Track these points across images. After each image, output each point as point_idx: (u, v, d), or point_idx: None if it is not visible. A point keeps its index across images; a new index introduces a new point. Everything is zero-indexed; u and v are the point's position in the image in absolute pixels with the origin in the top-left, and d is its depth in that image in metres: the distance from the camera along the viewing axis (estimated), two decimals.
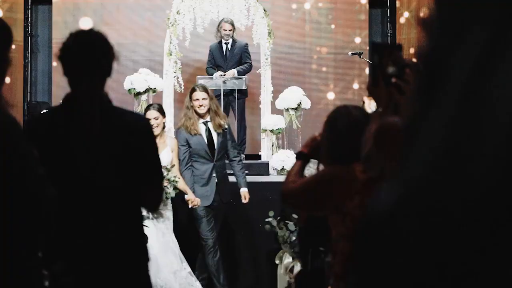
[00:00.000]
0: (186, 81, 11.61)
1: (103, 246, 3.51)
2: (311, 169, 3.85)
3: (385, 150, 2.51)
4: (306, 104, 10.87)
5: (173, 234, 7.83)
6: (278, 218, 7.29)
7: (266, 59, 11.62)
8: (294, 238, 6.55)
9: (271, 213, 7.56)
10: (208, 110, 8.22)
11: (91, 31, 3.62)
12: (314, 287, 5.12)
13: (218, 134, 8.27)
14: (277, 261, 7.57)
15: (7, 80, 11.66)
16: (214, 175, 8.23)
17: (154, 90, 10.70)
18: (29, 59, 13.38)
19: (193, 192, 8.09)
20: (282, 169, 9.83)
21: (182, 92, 11.33)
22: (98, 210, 3.50)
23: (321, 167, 3.64)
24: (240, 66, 11.08)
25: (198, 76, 10.87)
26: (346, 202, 3.15)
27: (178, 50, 11.40)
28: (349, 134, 3.32)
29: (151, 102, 10.50)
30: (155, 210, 3.93)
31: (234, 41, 11.34)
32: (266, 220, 7.55)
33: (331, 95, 13.82)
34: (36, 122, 3.65)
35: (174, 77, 11.29)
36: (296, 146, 10.75)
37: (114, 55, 3.58)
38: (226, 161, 8.54)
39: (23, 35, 13.30)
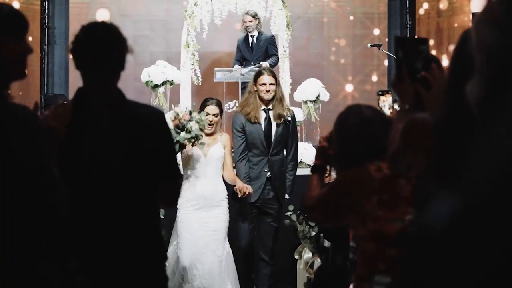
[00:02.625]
0: (204, 73, 11.55)
1: (118, 243, 3.44)
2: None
3: (414, 147, 2.43)
4: (325, 96, 10.78)
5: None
6: (298, 212, 7.21)
7: (284, 51, 11.56)
8: (314, 233, 6.48)
9: (290, 207, 7.45)
10: (273, 98, 7.50)
11: (102, 24, 3.54)
12: (335, 283, 5.05)
13: (278, 125, 7.52)
14: (296, 256, 7.51)
15: None
16: (266, 170, 7.51)
17: (171, 83, 10.64)
18: (45, 51, 13.34)
19: None
20: (301, 162, 9.76)
21: (200, 84, 11.27)
22: (111, 207, 3.43)
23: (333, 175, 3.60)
24: (270, 60, 10.99)
25: (216, 69, 10.82)
26: (364, 203, 3.09)
27: (195, 42, 11.35)
28: (361, 134, 3.27)
29: (168, 95, 10.45)
30: (172, 206, 3.85)
31: (260, 34, 11.25)
32: (286, 214, 7.47)
33: (349, 87, 13.73)
34: None
35: (192, 69, 11.25)
36: (315, 139, 10.67)
37: (127, 48, 3.50)
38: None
39: (39, 27, 13.27)
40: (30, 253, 2.70)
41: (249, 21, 11.16)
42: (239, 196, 7.25)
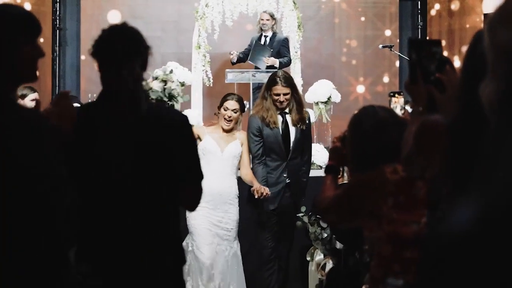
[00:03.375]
0: (215, 74, 11.54)
1: (138, 246, 3.43)
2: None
3: (427, 149, 2.41)
4: (336, 97, 10.74)
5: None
6: (310, 214, 7.19)
7: (296, 52, 11.55)
8: (326, 234, 6.45)
9: (302, 209, 7.40)
10: (288, 104, 7.23)
11: (124, 26, 3.54)
12: (347, 285, 5.04)
13: (297, 129, 7.26)
14: (308, 258, 7.48)
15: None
16: (285, 175, 7.26)
17: (182, 84, 10.62)
18: (57, 53, 13.36)
19: None
20: (312, 163, 9.73)
21: (211, 85, 11.27)
22: (133, 210, 3.42)
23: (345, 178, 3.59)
24: (282, 59, 11.01)
25: (227, 70, 10.80)
26: (380, 205, 3.07)
27: (207, 43, 11.35)
28: (376, 135, 3.25)
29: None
30: (193, 210, 3.83)
31: (274, 34, 11.28)
32: (297, 215, 7.44)
33: (361, 89, 13.70)
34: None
35: (203, 70, 11.24)
36: (326, 140, 10.65)
37: (148, 49, 3.50)
38: None
39: (51, 28, 13.29)
40: (38, 254, 2.69)
41: (266, 19, 11.21)
42: (256, 197, 7.02)
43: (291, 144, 7.26)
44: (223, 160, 7.11)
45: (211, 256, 6.96)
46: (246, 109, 10.48)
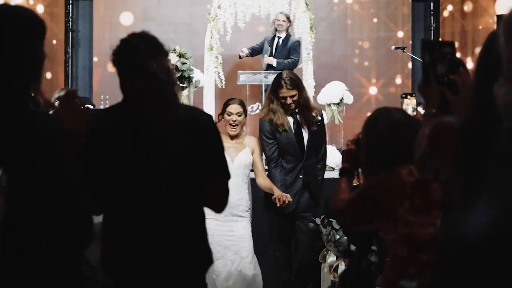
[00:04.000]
0: (227, 76, 11.55)
1: (166, 246, 3.43)
2: None
3: (440, 151, 2.40)
4: (348, 99, 10.74)
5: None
6: (322, 216, 7.16)
7: (308, 53, 11.54)
8: (338, 236, 6.43)
9: (317, 220, 7.34)
10: (296, 105, 6.93)
11: (143, 33, 3.54)
12: (360, 287, 5.02)
13: (309, 128, 6.98)
14: (320, 260, 7.47)
15: (48, 75, 11.63)
16: (301, 176, 7.01)
17: (195, 85, 10.63)
18: (70, 54, 13.39)
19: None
20: None
21: (223, 87, 11.27)
22: (163, 210, 3.42)
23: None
24: (287, 59, 11.03)
25: (239, 71, 10.80)
26: (396, 208, 3.06)
27: (219, 45, 11.36)
28: (390, 137, 3.24)
29: (192, 98, 10.45)
30: (221, 211, 3.82)
31: (287, 37, 11.31)
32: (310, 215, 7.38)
33: (373, 90, 13.68)
34: (97, 120, 3.58)
35: (215, 72, 11.25)
36: (339, 142, 10.64)
37: (167, 55, 3.53)
38: None
39: (64, 30, 13.33)
40: (50, 255, 2.69)
41: (283, 20, 11.28)
42: (278, 205, 6.69)
43: (305, 144, 7.00)
44: (233, 171, 6.31)
45: (226, 270, 6.61)
46: (258, 110, 10.50)
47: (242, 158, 6.81)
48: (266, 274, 7.03)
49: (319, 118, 7.10)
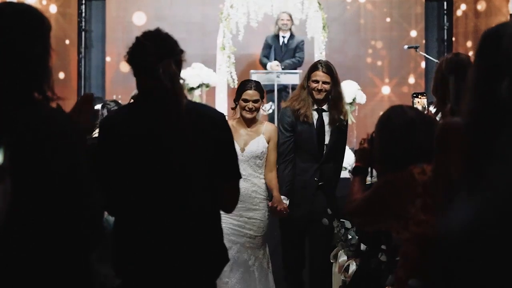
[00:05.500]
0: (240, 75, 11.55)
1: (181, 245, 3.43)
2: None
3: (447, 151, 2.38)
4: (361, 98, 10.73)
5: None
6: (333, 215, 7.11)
7: (321, 53, 11.53)
8: (350, 236, 6.39)
9: (328, 211, 7.26)
10: (327, 97, 6.37)
11: (157, 31, 3.55)
12: (371, 287, 5.01)
13: (333, 129, 6.38)
14: (332, 259, 7.45)
15: (61, 75, 11.63)
16: (316, 178, 6.35)
17: (207, 85, 10.65)
18: (83, 54, 13.44)
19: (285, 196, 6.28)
20: None
21: (236, 87, 11.27)
22: (178, 210, 3.43)
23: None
24: (294, 58, 11.04)
25: (252, 71, 10.80)
26: (408, 207, 3.04)
27: (231, 45, 11.36)
28: (404, 135, 3.22)
29: (204, 97, 10.46)
30: (230, 211, 3.82)
31: (291, 36, 11.31)
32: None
33: (386, 90, 13.65)
34: (112, 121, 3.59)
35: (228, 71, 11.25)
36: (351, 141, 10.62)
37: (182, 53, 3.52)
38: None
39: (77, 30, 13.37)
40: (60, 256, 2.69)
41: (287, 20, 11.30)
42: (271, 213, 6.27)
43: (327, 145, 6.38)
44: (242, 161, 6.00)
45: (239, 270, 6.17)
46: (271, 110, 10.48)
47: (254, 146, 6.22)
48: (278, 273, 6.75)
49: (345, 123, 6.56)
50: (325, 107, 6.39)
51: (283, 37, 11.30)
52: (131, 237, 3.45)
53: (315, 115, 6.38)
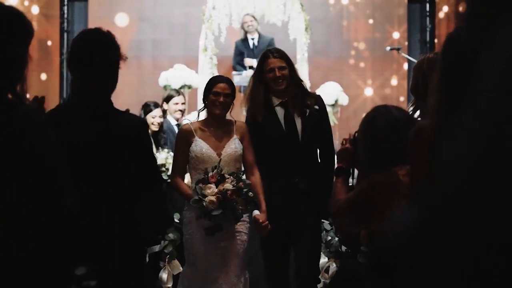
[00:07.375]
0: None
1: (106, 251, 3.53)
2: None
3: (421, 153, 2.38)
4: (344, 100, 10.75)
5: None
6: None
7: (303, 54, 11.52)
8: (329, 237, 6.39)
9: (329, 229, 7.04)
10: (287, 86, 5.57)
11: (93, 32, 3.58)
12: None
13: (304, 120, 5.55)
14: None
15: (43, 76, 11.61)
16: (296, 179, 5.52)
17: (189, 86, 10.63)
18: (65, 56, 13.39)
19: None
20: None
21: None
22: (100, 211, 3.50)
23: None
24: None
25: (234, 72, 10.80)
26: (393, 208, 3.03)
27: (214, 46, 11.34)
28: (388, 135, 3.20)
29: (186, 99, 10.43)
30: (162, 224, 3.89)
31: (259, 36, 11.33)
32: None
33: (369, 91, 13.67)
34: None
35: (210, 73, 11.23)
36: (334, 143, 10.61)
37: (119, 56, 3.53)
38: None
39: (59, 31, 13.33)
40: (43, 256, 2.69)
41: (250, 21, 11.33)
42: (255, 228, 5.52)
43: (300, 141, 5.54)
44: (222, 167, 5.32)
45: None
46: None
47: (230, 149, 5.47)
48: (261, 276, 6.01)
49: (316, 107, 5.64)
50: (286, 98, 5.59)
51: (252, 39, 11.32)
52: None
53: (280, 111, 5.59)
